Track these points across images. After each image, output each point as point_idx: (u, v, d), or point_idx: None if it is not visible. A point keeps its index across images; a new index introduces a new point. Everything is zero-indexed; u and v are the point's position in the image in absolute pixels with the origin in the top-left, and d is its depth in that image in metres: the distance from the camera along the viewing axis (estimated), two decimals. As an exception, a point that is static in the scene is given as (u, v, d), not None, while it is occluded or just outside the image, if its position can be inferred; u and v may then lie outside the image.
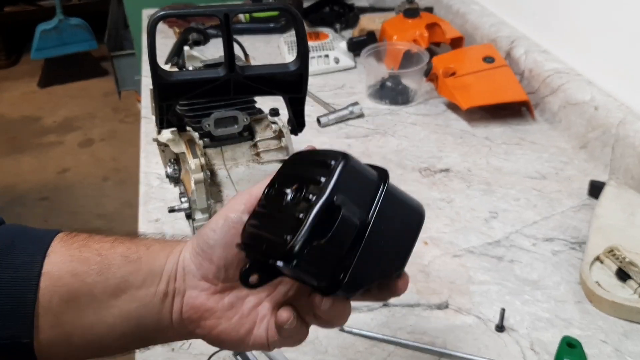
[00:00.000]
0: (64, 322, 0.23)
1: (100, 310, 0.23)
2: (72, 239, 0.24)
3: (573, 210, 0.46)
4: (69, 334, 0.23)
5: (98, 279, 0.23)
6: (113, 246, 0.24)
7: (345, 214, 0.20)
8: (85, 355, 0.24)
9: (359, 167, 0.22)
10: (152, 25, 0.30)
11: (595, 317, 0.36)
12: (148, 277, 0.23)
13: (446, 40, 0.69)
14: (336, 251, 0.20)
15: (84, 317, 0.23)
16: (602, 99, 0.52)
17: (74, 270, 0.23)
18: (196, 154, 0.35)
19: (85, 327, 0.23)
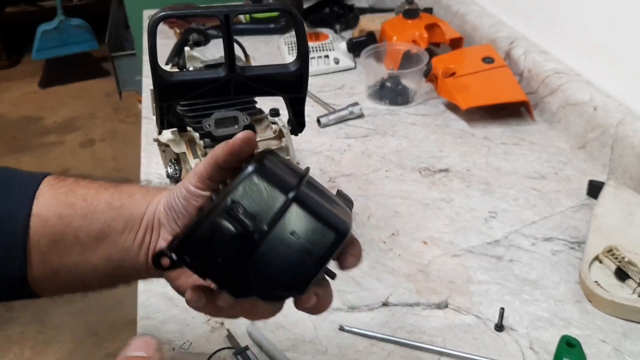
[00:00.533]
0: (51, 261, 0.24)
1: (85, 252, 0.24)
2: (59, 183, 0.26)
3: (572, 210, 0.46)
4: (56, 270, 0.25)
5: (83, 222, 0.24)
6: (98, 192, 0.25)
7: (225, 219, 0.20)
8: (71, 290, 0.26)
9: (269, 177, 0.21)
10: (153, 26, 0.31)
11: (595, 316, 0.36)
12: (129, 224, 0.25)
13: (445, 40, 0.69)
14: (216, 254, 0.20)
15: (70, 257, 0.24)
16: (601, 99, 0.52)
17: (61, 214, 0.24)
18: (197, 154, 0.36)
19: (70, 266, 0.25)
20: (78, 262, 0.25)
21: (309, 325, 0.36)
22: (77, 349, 1.01)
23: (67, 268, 0.25)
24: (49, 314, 1.06)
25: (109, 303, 1.08)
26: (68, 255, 0.24)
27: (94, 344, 1.02)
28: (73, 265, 0.25)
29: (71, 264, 0.25)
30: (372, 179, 0.51)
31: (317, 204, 0.21)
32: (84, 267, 0.25)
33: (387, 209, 0.47)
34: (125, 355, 0.18)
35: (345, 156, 0.55)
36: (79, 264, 0.25)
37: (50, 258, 0.24)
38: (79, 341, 1.03)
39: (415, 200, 0.48)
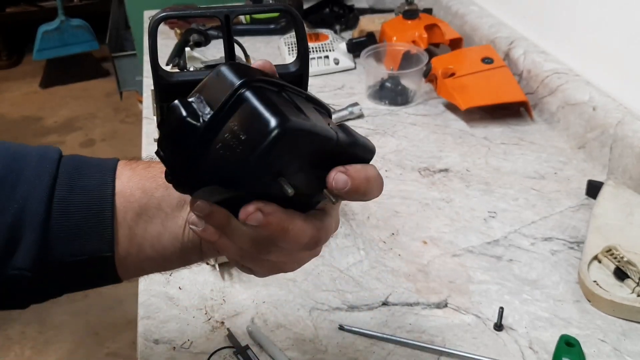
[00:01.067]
0: (136, 234, 0.25)
1: (167, 221, 0.25)
2: (134, 163, 0.27)
3: (571, 210, 0.46)
4: (141, 244, 0.25)
5: (164, 192, 0.25)
6: None
7: (182, 108, 0.19)
8: (153, 268, 0.26)
9: (236, 70, 0.20)
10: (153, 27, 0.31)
11: (594, 316, 0.36)
12: None
13: (445, 41, 0.69)
14: (176, 144, 0.19)
15: (153, 228, 0.25)
16: (601, 100, 0.52)
17: (144, 187, 0.25)
18: (197, 154, 0.36)
19: (153, 237, 0.25)
20: (160, 232, 0.25)
21: (309, 325, 0.36)
22: (77, 348, 1.01)
23: (151, 240, 0.25)
24: (50, 314, 1.06)
25: (109, 303, 1.08)
26: (152, 226, 0.25)
27: (94, 343, 1.02)
28: (156, 236, 0.25)
29: (154, 235, 0.25)
30: (372, 179, 0.51)
31: (270, 97, 0.19)
32: (166, 238, 0.25)
33: (386, 209, 0.47)
34: None
35: (345, 156, 0.55)
36: (161, 234, 0.25)
37: (135, 232, 0.25)
38: (79, 341, 1.03)
39: (415, 200, 0.48)
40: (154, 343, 0.35)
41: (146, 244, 0.25)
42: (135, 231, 0.25)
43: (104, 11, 1.72)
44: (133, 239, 0.25)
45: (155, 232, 0.25)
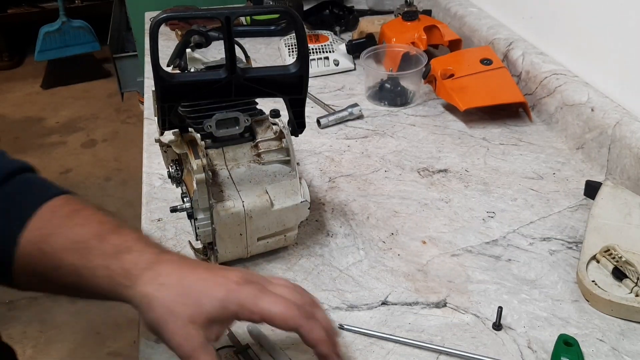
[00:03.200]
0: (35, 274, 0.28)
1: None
2: (66, 215, 0.28)
3: (570, 210, 0.46)
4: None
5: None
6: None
7: None
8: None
9: None
10: (154, 28, 0.31)
11: (592, 316, 0.36)
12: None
13: (444, 42, 0.69)
14: None
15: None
16: (599, 101, 0.52)
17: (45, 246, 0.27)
18: (198, 154, 0.36)
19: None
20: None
21: (308, 324, 0.36)
22: (78, 348, 1.02)
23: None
24: (51, 314, 1.06)
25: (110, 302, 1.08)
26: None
27: (95, 343, 1.03)
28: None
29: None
30: (372, 179, 0.51)
31: None
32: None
33: (386, 209, 0.47)
34: None
35: (344, 157, 0.55)
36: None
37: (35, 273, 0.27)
38: (80, 340, 1.03)
39: (414, 200, 0.48)
40: (155, 342, 0.35)
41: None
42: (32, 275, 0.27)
43: (105, 12, 1.73)
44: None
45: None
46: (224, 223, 0.37)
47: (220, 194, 0.37)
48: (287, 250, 0.42)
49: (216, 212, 0.36)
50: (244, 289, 0.26)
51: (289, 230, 0.40)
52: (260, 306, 0.26)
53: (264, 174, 0.38)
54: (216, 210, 0.36)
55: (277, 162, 0.38)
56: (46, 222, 0.28)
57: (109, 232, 0.28)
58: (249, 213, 0.37)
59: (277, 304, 0.26)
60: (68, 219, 0.28)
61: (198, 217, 0.37)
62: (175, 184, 0.41)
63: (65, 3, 1.83)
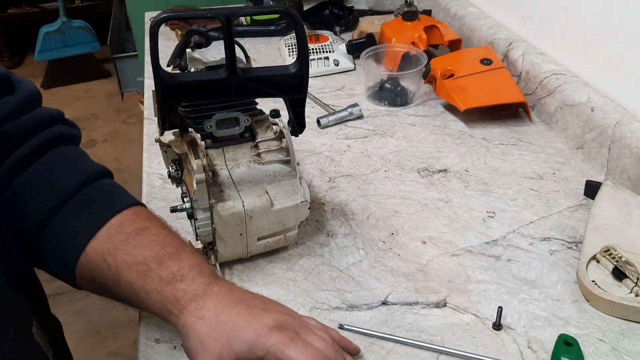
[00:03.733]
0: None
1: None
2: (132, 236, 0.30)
3: (570, 210, 0.46)
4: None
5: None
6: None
7: None
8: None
9: None
10: (155, 28, 0.31)
11: (592, 315, 0.36)
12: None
13: (444, 42, 0.69)
14: None
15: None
16: (599, 100, 0.52)
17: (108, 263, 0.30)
18: (198, 154, 0.36)
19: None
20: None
21: (308, 324, 0.36)
22: (78, 347, 1.02)
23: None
24: (51, 314, 1.06)
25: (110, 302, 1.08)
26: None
27: (95, 342, 1.03)
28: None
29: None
30: (372, 179, 0.51)
31: None
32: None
33: (386, 209, 0.47)
34: None
35: (344, 157, 0.55)
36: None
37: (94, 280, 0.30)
38: (80, 340, 1.03)
39: (414, 200, 0.48)
40: (155, 342, 0.35)
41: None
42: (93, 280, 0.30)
43: (105, 12, 1.73)
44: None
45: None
46: (224, 223, 0.37)
47: (220, 194, 0.37)
48: (287, 250, 0.42)
49: (216, 212, 0.36)
50: (274, 335, 0.27)
51: (289, 230, 0.40)
52: (287, 354, 0.27)
53: (264, 174, 0.38)
54: (216, 210, 0.36)
55: (277, 162, 0.38)
56: (113, 235, 0.30)
57: (169, 257, 0.30)
58: (249, 213, 0.37)
59: (303, 354, 0.27)
60: (134, 236, 0.30)
61: (198, 217, 0.37)
62: (175, 184, 0.41)
63: (65, 3, 1.84)
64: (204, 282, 0.29)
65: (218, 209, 0.36)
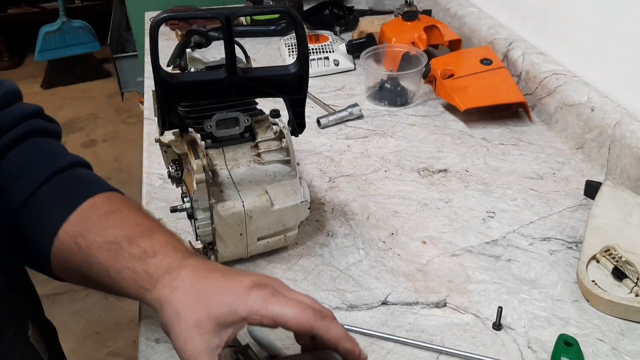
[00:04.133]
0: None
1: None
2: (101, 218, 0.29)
3: (570, 210, 0.46)
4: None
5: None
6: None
7: None
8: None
9: None
10: (155, 28, 0.31)
11: (592, 315, 0.36)
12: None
13: (444, 42, 0.69)
14: None
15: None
16: (599, 100, 0.52)
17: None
18: (198, 154, 0.36)
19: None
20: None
21: (308, 324, 0.36)
22: (78, 347, 1.02)
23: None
24: (50, 313, 1.06)
25: (110, 302, 1.08)
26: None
27: (95, 342, 1.03)
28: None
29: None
30: (372, 179, 0.51)
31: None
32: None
33: (386, 209, 0.47)
34: None
35: (345, 157, 0.55)
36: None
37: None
38: (80, 340, 1.03)
39: (414, 200, 0.48)
40: (155, 342, 0.35)
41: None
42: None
43: (105, 12, 1.73)
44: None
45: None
46: (224, 223, 0.37)
47: (220, 194, 0.37)
48: (287, 250, 0.42)
49: (216, 212, 0.36)
50: (253, 292, 0.26)
51: (289, 230, 0.40)
52: (271, 309, 0.25)
53: (264, 174, 0.38)
54: (216, 210, 0.36)
55: (277, 162, 0.38)
56: (85, 217, 0.29)
57: (141, 235, 0.28)
58: (249, 213, 0.37)
59: (288, 306, 0.25)
60: (105, 217, 0.29)
61: (198, 217, 0.37)
62: (175, 184, 0.41)
63: (65, 3, 1.84)
64: (178, 257, 0.27)
65: (218, 209, 0.36)
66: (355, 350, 0.26)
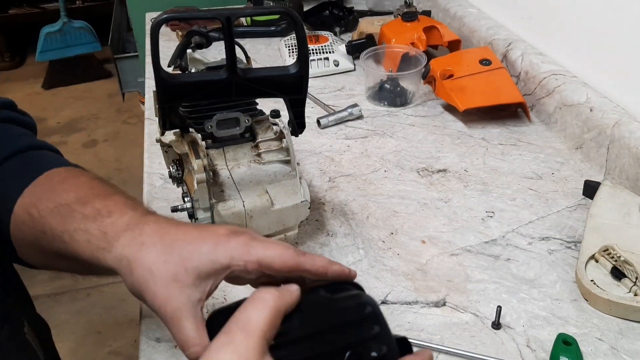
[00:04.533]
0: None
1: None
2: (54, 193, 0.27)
3: (569, 209, 0.47)
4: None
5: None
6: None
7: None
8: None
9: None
10: (155, 28, 0.31)
11: (591, 315, 0.37)
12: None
13: (444, 43, 0.69)
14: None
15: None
16: (598, 101, 0.52)
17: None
18: (199, 155, 0.36)
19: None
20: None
21: (308, 323, 0.36)
22: (79, 347, 1.02)
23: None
24: (51, 313, 1.07)
25: (111, 302, 1.08)
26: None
27: (96, 342, 1.03)
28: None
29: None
30: (371, 179, 0.52)
31: None
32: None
33: (386, 209, 0.47)
34: None
35: (344, 157, 0.55)
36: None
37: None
38: (81, 339, 1.03)
39: (413, 200, 0.48)
40: (155, 342, 0.35)
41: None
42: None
43: (106, 13, 1.73)
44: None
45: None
46: (225, 222, 0.37)
47: (221, 193, 0.37)
48: (287, 249, 0.42)
49: (217, 211, 0.36)
50: (232, 239, 0.23)
51: (289, 230, 0.40)
52: (254, 253, 0.23)
53: (264, 174, 0.38)
54: (217, 210, 0.37)
55: (277, 162, 0.39)
56: (39, 187, 0.27)
57: (95, 196, 0.26)
58: (249, 213, 0.37)
59: (270, 247, 0.23)
60: (60, 184, 0.27)
61: (199, 216, 0.37)
62: (176, 184, 0.42)
63: (66, 3, 1.84)
64: (137, 215, 0.25)
65: (219, 209, 0.37)
66: (345, 271, 0.24)
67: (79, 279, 1.21)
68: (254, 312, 0.20)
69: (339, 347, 0.21)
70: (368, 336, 0.21)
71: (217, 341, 0.19)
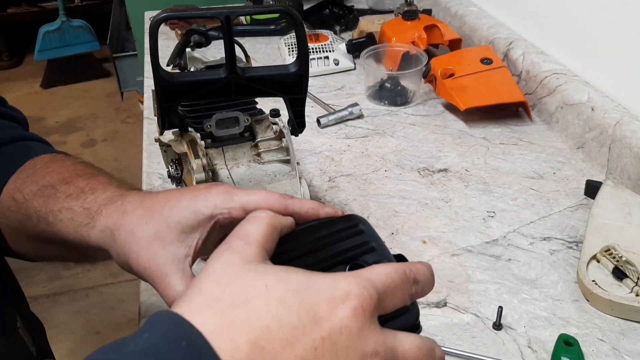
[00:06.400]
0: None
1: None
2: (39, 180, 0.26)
3: (570, 209, 0.46)
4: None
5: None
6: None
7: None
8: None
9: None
10: (154, 27, 0.31)
11: (593, 315, 0.36)
12: None
13: (444, 42, 0.69)
14: None
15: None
16: (599, 100, 0.52)
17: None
18: (198, 154, 0.36)
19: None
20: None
21: (308, 324, 0.36)
22: (78, 347, 1.02)
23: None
24: (50, 313, 1.07)
25: (110, 302, 1.08)
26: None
27: (95, 342, 1.03)
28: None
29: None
30: (372, 179, 0.51)
31: None
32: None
33: (386, 209, 0.47)
34: None
35: (345, 156, 0.55)
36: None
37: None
38: (80, 340, 1.03)
39: (414, 200, 0.48)
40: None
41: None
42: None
43: (105, 12, 1.73)
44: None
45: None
46: (224, 223, 0.37)
47: (220, 193, 0.37)
48: (287, 250, 0.42)
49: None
50: (212, 189, 0.22)
51: (289, 230, 0.40)
52: (237, 199, 0.22)
53: (263, 174, 0.38)
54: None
55: (277, 161, 0.38)
56: (23, 173, 0.27)
57: (78, 176, 0.25)
58: (249, 213, 0.37)
59: (252, 193, 0.22)
60: (43, 169, 0.27)
61: (198, 216, 0.37)
62: (175, 184, 0.41)
63: (65, 2, 1.84)
64: (120, 190, 0.24)
65: (218, 209, 0.36)
66: (337, 213, 0.23)
67: (78, 278, 1.20)
68: (252, 227, 0.19)
69: (339, 260, 0.21)
70: (366, 249, 0.22)
71: (216, 250, 0.19)
